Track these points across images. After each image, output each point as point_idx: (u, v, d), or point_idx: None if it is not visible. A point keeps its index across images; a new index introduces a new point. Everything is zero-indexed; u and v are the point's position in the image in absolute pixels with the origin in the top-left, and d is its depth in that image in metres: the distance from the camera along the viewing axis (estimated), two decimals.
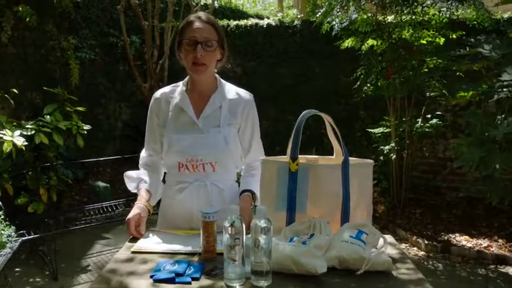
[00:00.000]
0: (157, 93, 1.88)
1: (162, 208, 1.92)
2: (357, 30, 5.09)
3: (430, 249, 4.48)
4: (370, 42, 5.13)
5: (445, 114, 5.63)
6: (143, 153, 1.94)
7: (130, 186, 1.88)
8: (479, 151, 3.92)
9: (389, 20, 5.04)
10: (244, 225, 1.28)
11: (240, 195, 1.81)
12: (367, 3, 4.90)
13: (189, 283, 1.26)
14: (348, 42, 5.25)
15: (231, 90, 1.86)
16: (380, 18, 4.99)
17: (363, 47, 5.19)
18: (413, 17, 4.92)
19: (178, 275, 1.28)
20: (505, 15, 5.60)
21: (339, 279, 1.26)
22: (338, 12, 4.96)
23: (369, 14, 5.00)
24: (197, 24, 1.71)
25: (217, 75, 1.87)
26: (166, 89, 1.88)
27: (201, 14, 1.77)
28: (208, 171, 1.78)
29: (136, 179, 1.86)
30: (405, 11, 4.91)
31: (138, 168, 1.93)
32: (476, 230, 4.82)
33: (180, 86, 1.85)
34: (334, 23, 5.04)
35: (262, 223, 1.21)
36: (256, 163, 1.84)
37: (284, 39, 6.82)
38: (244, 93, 1.88)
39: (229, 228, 1.23)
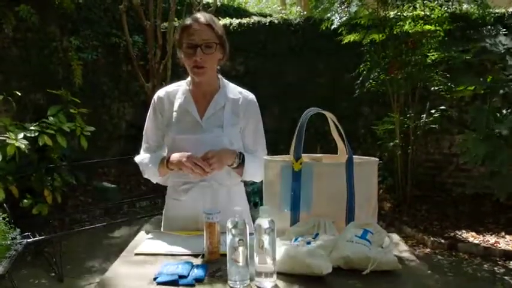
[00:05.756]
0: (161, 92, 1.86)
1: (166, 210, 1.90)
2: (359, 25, 5.07)
3: (437, 246, 4.46)
4: (372, 36, 5.11)
5: (450, 109, 5.58)
6: (141, 153, 1.91)
7: (147, 166, 1.84)
8: (485, 146, 3.89)
9: (391, 16, 5.02)
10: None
11: None
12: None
13: (193, 285, 1.25)
14: (350, 37, 5.23)
15: (234, 90, 1.85)
16: (382, 13, 4.97)
17: (364, 40, 5.17)
18: (415, 12, 4.91)
19: (181, 277, 1.27)
20: (510, 9, 5.55)
21: (344, 280, 1.25)
22: (338, 7, 4.94)
23: (370, 10, 4.98)
24: (195, 27, 1.69)
25: (219, 75, 1.86)
26: (169, 88, 1.87)
27: (199, 15, 1.74)
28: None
29: (148, 158, 1.84)
30: (406, 6, 4.90)
31: (139, 168, 1.91)
32: (483, 227, 4.79)
33: (183, 86, 1.84)
34: (333, 18, 5.02)
35: (266, 223, 1.20)
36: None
37: (287, 37, 6.79)
38: (247, 93, 1.87)
39: (233, 229, 1.22)
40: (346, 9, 4.94)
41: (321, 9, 5.28)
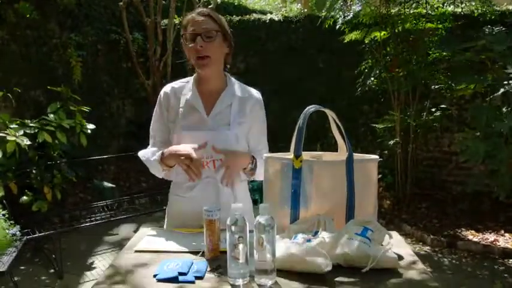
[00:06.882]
0: (167, 88, 1.85)
1: (170, 206, 1.90)
2: (361, 23, 5.06)
3: (436, 244, 4.46)
4: (374, 34, 5.10)
5: (450, 107, 5.58)
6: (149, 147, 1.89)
7: (149, 161, 1.80)
8: (485, 145, 3.89)
9: (393, 13, 5.02)
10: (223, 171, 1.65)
11: None
12: None
13: (193, 282, 1.24)
14: (352, 36, 5.23)
15: (241, 88, 1.85)
16: (384, 11, 4.97)
17: (366, 39, 5.17)
18: (417, 10, 4.90)
19: (181, 274, 1.27)
20: (511, 7, 5.54)
21: (344, 277, 1.25)
22: (342, 6, 4.94)
23: (372, 8, 4.98)
24: (196, 18, 1.71)
25: (227, 73, 1.85)
26: (175, 84, 1.86)
27: (200, 9, 1.77)
28: (218, 168, 1.76)
29: (151, 152, 1.81)
30: (408, 4, 4.90)
31: (142, 165, 1.88)
32: (482, 225, 4.79)
33: (190, 83, 1.83)
34: (337, 16, 5.01)
35: (266, 221, 1.20)
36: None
37: (287, 34, 6.79)
38: (254, 92, 1.87)
39: (232, 226, 1.22)
40: (349, 7, 4.93)
41: (325, 9, 5.25)
